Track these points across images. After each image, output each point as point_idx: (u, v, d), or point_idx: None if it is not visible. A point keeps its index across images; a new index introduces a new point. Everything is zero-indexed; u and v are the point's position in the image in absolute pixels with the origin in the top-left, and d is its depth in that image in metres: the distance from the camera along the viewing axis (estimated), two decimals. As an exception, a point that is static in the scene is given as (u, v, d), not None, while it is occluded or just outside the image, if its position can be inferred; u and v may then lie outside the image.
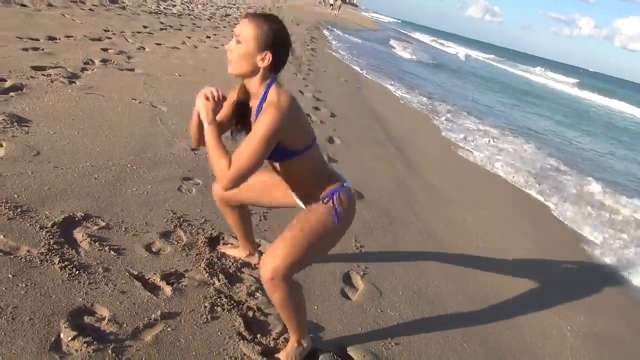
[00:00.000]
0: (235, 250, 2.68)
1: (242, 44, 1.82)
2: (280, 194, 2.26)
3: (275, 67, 1.88)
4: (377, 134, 6.92)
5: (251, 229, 2.63)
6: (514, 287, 3.58)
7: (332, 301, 2.62)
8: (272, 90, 1.85)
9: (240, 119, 2.04)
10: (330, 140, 5.65)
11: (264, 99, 1.87)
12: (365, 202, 4.18)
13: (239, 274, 2.56)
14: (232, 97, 2.04)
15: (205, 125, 1.89)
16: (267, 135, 1.76)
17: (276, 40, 1.84)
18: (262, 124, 1.77)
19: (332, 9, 50.05)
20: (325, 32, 22.85)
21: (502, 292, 3.43)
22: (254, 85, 1.90)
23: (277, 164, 2.06)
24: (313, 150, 1.99)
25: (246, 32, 1.82)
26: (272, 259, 1.83)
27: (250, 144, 1.78)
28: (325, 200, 2.00)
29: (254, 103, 1.94)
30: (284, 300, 1.89)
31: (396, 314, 2.71)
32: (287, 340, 2.18)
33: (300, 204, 2.17)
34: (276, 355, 2.09)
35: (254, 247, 2.67)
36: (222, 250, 2.69)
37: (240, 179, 1.82)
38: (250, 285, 2.47)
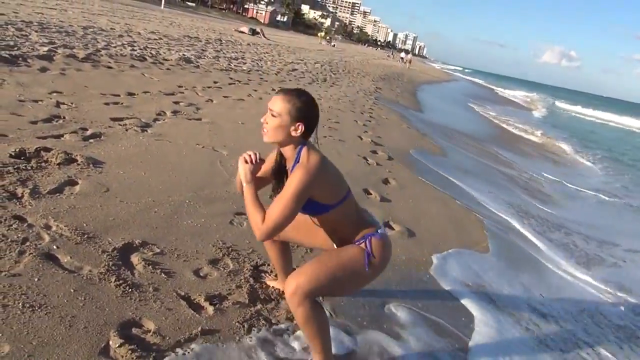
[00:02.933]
0: (276, 282, 2.80)
1: (276, 117, 2.04)
2: (321, 237, 2.38)
3: (305, 135, 2.08)
4: (435, 176, 6.92)
5: (290, 263, 2.74)
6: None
7: (364, 328, 2.67)
8: (303, 152, 2.05)
9: (278, 181, 2.25)
10: (385, 181, 5.74)
11: (297, 160, 2.07)
12: (415, 239, 4.20)
13: (280, 299, 2.68)
14: (272, 157, 2.28)
15: (245, 184, 2.13)
16: (295, 193, 1.96)
17: (307, 113, 2.05)
18: (292, 183, 1.97)
19: (402, 62, 51.62)
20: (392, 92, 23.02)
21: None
22: (288, 150, 2.12)
23: (314, 218, 2.25)
24: (347, 203, 2.15)
25: (279, 106, 2.03)
26: (297, 277, 1.99)
27: (280, 201, 1.98)
28: (358, 243, 2.15)
29: (289, 166, 2.15)
30: (305, 318, 2.01)
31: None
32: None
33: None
34: None
35: None
36: (265, 281, 2.82)
37: (272, 233, 2.01)
38: (290, 311, 2.57)
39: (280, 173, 2.24)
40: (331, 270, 2.05)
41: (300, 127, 2.03)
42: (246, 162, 2.15)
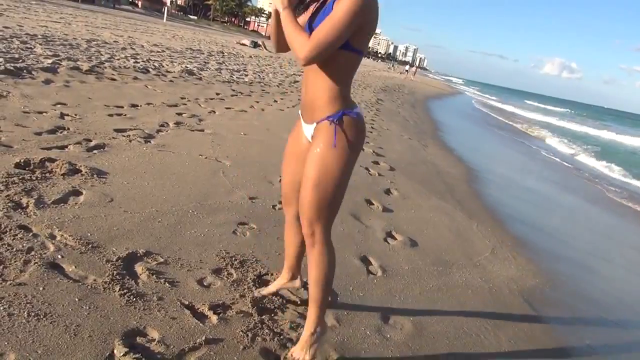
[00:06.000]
0: (276, 283, 2.77)
1: None
2: (302, 148, 2.30)
3: None
4: (438, 187, 6.93)
5: (300, 264, 2.73)
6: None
7: (367, 338, 2.66)
8: None
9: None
10: (387, 192, 5.75)
11: None
12: (418, 249, 4.20)
13: (284, 309, 2.68)
14: (309, 10, 2.11)
15: (282, 10, 1.93)
16: (348, 14, 1.79)
17: None
18: (344, 4, 1.79)
19: (406, 74, 52.00)
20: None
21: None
22: None
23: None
24: (358, 58, 2.01)
25: None
26: (305, 215, 2.05)
27: (332, 20, 1.80)
28: (331, 120, 2.04)
29: None
30: (320, 258, 2.09)
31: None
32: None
33: (309, 132, 2.20)
34: (290, 351, 2.23)
35: (298, 271, 2.76)
36: (264, 293, 2.72)
37: (318, 51, 1.81)
38: (294, 320, 2.58)
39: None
40: (323, 189, 2.06)
41: None
42: None
